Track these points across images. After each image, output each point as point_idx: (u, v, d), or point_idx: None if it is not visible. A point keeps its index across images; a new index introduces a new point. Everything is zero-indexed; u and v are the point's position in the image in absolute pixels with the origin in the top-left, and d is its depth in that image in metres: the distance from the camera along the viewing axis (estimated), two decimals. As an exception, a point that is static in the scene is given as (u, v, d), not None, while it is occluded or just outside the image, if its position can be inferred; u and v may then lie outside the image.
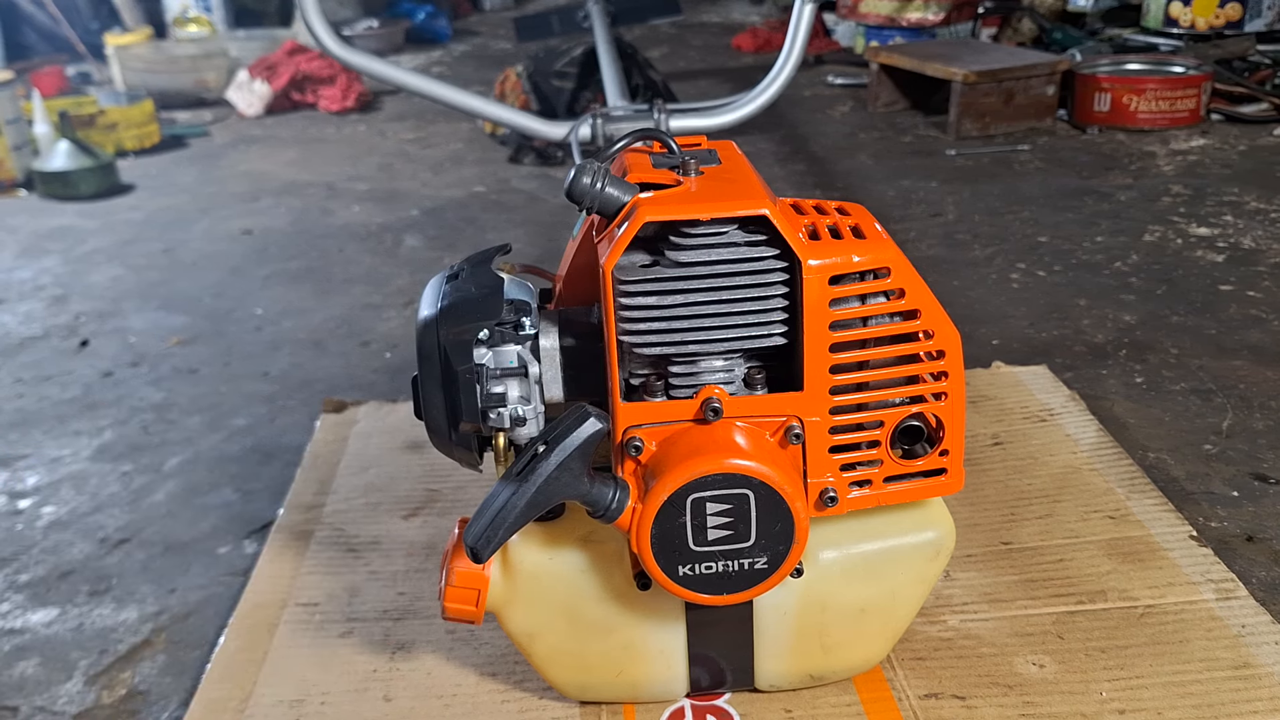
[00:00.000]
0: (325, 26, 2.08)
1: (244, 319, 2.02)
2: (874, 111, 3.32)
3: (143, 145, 3.29)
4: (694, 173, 0.86)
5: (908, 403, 0.86)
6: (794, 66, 2.12)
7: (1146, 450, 1.39)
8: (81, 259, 2.40)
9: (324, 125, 3.59)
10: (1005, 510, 1.25)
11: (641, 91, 3.07)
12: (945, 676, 1.00)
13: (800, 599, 0.92)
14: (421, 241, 2.40)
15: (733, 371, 0.85)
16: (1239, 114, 2.97)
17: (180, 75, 3.92)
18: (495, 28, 5.40)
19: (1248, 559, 1.17)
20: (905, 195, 2.53)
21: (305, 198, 2.79)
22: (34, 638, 1.17)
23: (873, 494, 0.87)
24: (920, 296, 0.84)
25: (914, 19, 3.76)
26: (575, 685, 0.97)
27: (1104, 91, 2.94)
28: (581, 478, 0.79)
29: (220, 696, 1.03)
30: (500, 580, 0.90)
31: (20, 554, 1.32)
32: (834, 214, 0.89)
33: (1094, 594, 1.10)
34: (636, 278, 0.81)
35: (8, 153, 2.92)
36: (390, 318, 1.98)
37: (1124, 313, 1.82)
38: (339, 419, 1.54)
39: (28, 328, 2.03)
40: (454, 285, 0.89)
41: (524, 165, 2.94)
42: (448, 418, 0.87)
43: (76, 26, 4.43)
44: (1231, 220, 2.23)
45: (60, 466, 1.52)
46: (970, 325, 1.79)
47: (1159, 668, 1.00)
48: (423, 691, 1.02)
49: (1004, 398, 1.50)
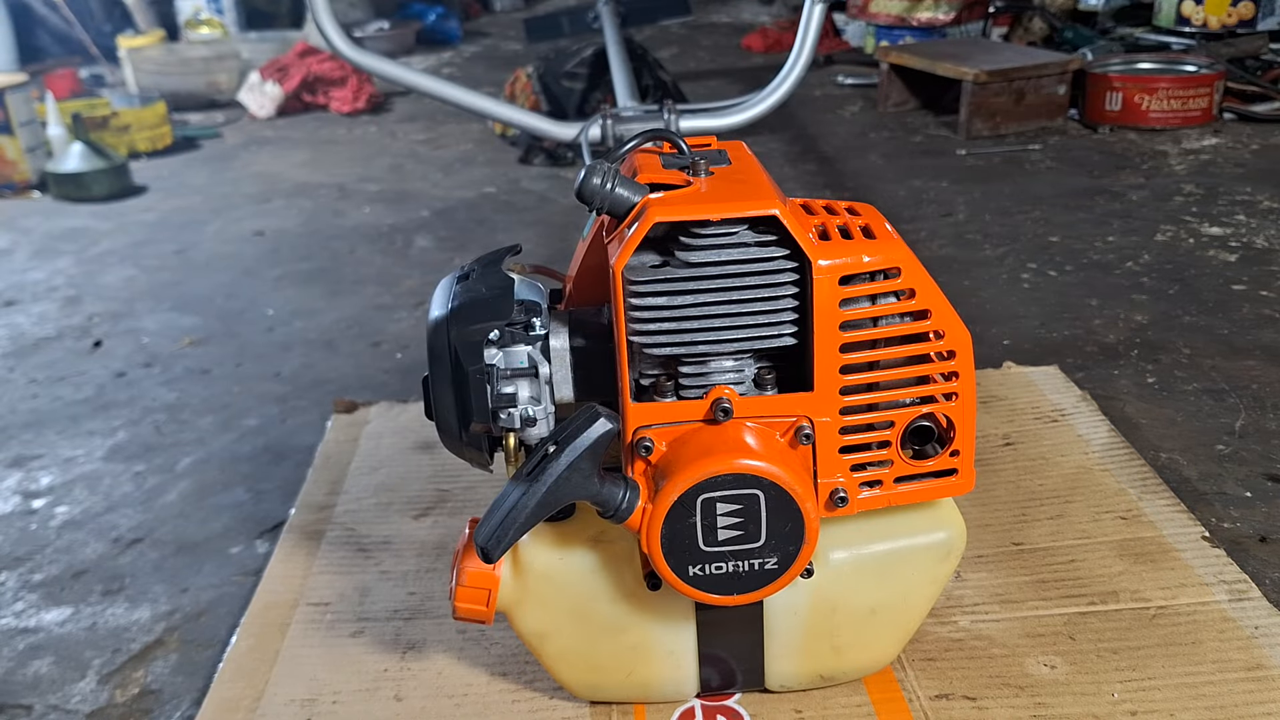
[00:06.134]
0: (336, 28, 2.09)
1: (256, 320, 2.02)
2: (884, 111, 3.31)
3: (155, 147, 3.30)
4: (704, 173, 0.86)
5: (918, 403, 0.86)
6: (804, 66, 2.12)
7: (1159, 451, 1.39)
8: (94, 260, 2.41)
9: (335, 126, 3.60)
10: (1016, 511, 1.25)
11: (651, 92, 3.07)
12: (956, 677, 1.00)
13: (811, 599, 0.92)
14: (432, 242, 2.40)
15: (743, 372, 0.85)
16: (1252, 113, 2.95)
17: (192, 77, 3.94)
18: (505, 29, 5.41)
19: (1261, 560, 1.17)
20: (916, 195, 2.52)
21: (316, 199, 2.79)
22: (47, 637, 1.18)
23: (883, 494, 0.87)
24: (931, 296, 0.84)
25: (924, 18, 3.75)
26: (586, 685, 0.97)
27: (1115, 91, 2.93)
28: (592, 478, 0.80)
29: (232, 696, 1.04)
30: (511, 580, 0.90)
31: (34, 554, 1.33)
32: (844, 214, 0.89)
33: (1106, 595, 1.10)
34: (646, 278, 0.81)
35: (21, 155, 2.93)
36: (401, 318, 1.98)
37: (1136, 312, 1.81)
38: (350, 419, 1.55)
39: (41, 328, 2.04)
40: (465, 286, 0.90)
41: (534, 166, 2.95)
42: (458, 418, 0.88)
43: (89, 29, 4.45)
44: (1244, 220, 2.22)
45: (74, 466, 1.53)
46: (981, 325, 1.79)
47: (1171, 669, 1.00)
48: (433, 691, 1.03)
49: (1015, 398, 1.50)
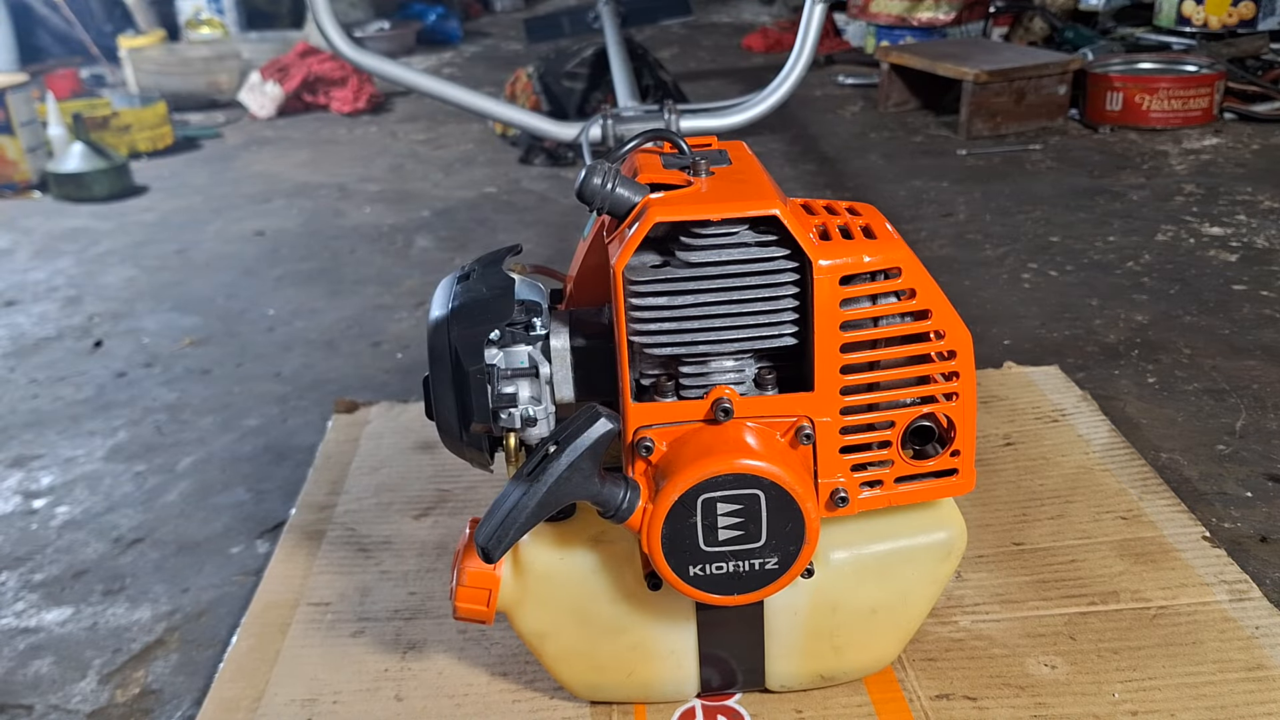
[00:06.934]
0: (337, 28, 2.09)
1: (256, 320, 2.02)
2: (885, 111, 3.31)
3: (156, 147, 3.31)
4: (704, 173, 0.86)
5: (919, 403, 0.86)
6: (804, 67, 2.12)
7: (1159, 451, 1.39)
8: (95, 260, 2.41)
9: (335, 126, 3.60)
10: (1017, 511, 1.25)
11: (652, 92, 3.07)
12: (957, 677, 1.00)
13: (811, 599, 0.92)
14: (433, 242, 2.40)
15: (743, 372, 0.85)
16: (1252, 113, 2.95)
17: (193, 77, 3.94)
18: (506, 29, 5.41)
19: (1261, 560, 1.17)
20: (916, 195, 2.52)
21: (317, 199, 2.79)
22: (48, 637, 1.18)
23: (884, 494, 0.87)
24: (931, 296, 0.84)
25: (925, 18, 3.75)
26: (586, 685, 0.97)
27: (1116, 91, 2.93)
28: (592, 478, 0.80)
29: (233, 696, 1.04)
30: (511, 580, 0.90)
31: (35, 554, 1.33)
32: (845, 214, 0.89)
33: (1106, 595, 1.10)
34: (647, 278, 0.81)
35: (22, 155, 2.93)
36: (402, 318, 1.98)
37: (1136, 312, 1.81)
38: (351, 419, 1.55)
39: (42, 328, 2.04)
40: (465, 286, 0.90)
41: (535, 166, 2.95)
42: (459, 418, 0.88)
43: (90, 29, 4.45)
44: (1245, 219, 2.22)
45: (74, 466, 1.53)
46: (982, 325, 1.79)
47: (1172, 669, 1.00)
48: (434, 691, 1.03)
49: (1015, 398, 1.50)
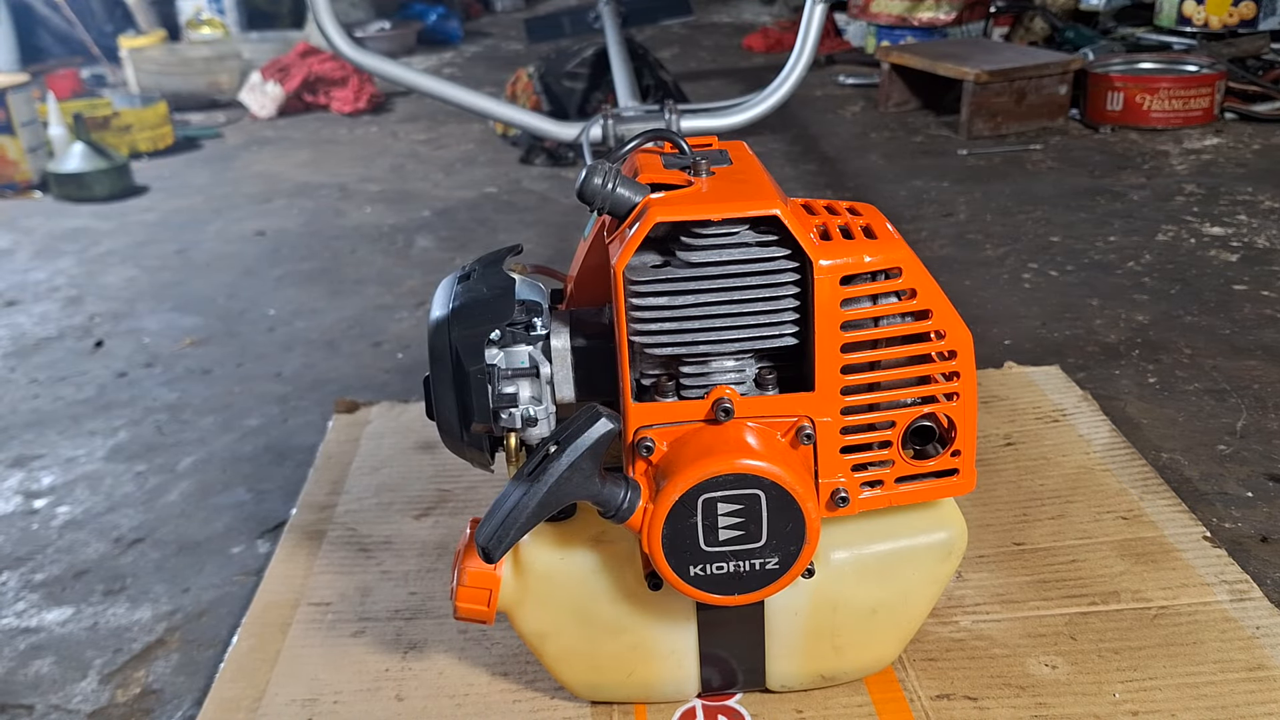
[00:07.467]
0: (337, 28, 2.09)
1: (257, 320, 2.02)
2: (885, 111, 3.31)
3: (156, 147, 3.31)
4: (705, 173, 0.86)
5: (919, 403, 0.86)
6: (805, 67, 2.12)
7: (1160, 451, 1.39)
8: (96, 260, 2.41)
9: (336, 126, 3.60)
10: (1017, 511, 1.25)
11: (652, 92, 3.07)
12: (957, 677, 1.00)
13: (812, 599, 0.92)
14: (433, 242, 2.40)
15: (744, 372, 0.85)
16: (1253, 113, 2.95)
17: (194, 77, 3.94)
18: (506, 29, 5.41)
19: (1262, 560, 1.17)
20: (917, 195, 2.52)
21: (317, 199, 2.79)
22: (49, 637, 1.18)
23: (884, 494, 0.87)
24: (932, 296, 0.84)
25: (925, 18, 3.75)
26: (587, 685, 0.97)
27: (1117, 90, 2.92)
28: (593, 478, 0.80)
29: (233, 696, 1.04)
30: (512, 580, 0.90)
31: (35, 553, 1.33)
32: (845, 214, 0.89)
33: (1107, 595, 1.10)
34: (648, 278, 0.81)
35: (23, 155, 2.93)
36: (402, 318, 1.98)
37: (1137, 312, 1.81)
38: (351, 419, 1.55)
39: (43, 328, 2.04)
40: (466, 286, 0.90)
41: (535, 166, 2.95)
42: (459, 418, 0.88)
43: (91, 29, 4.45)
44: (1245, 219, 2.22)
45: (75, 466, 1.53)
46: (982, 325, 1.79)
47: (1172, 669, 1.00)
48: (435, 691, 1.03)
49: (1016, 398, 1.50)
